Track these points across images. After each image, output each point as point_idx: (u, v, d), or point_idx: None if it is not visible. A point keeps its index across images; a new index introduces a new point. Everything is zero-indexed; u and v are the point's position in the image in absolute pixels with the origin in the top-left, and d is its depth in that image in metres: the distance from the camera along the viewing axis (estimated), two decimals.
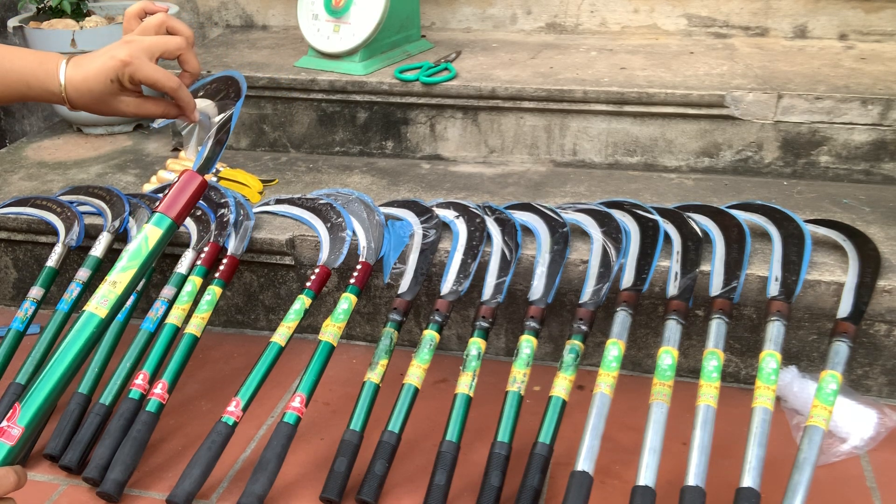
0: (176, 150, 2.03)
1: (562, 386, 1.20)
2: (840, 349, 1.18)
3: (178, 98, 0.91)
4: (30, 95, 0.88)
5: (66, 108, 2.13)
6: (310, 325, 1.62)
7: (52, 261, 1.52)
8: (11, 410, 0.76)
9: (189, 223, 1.57)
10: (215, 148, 0.93)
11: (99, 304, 0.81)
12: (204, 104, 1.01)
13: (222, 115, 0.97)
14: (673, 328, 1.24)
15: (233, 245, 1.51)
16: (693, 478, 1.07)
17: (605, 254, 1.38)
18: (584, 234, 1.47)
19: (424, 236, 1.49)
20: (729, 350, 1.43)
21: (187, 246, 1.51)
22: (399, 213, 1.57)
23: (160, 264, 1.55)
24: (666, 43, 2.08)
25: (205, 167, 0.91)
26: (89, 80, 0.86)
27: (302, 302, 1.38)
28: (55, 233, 1.59)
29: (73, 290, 1.45)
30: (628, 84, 1.75)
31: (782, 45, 2.03)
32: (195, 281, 1.43)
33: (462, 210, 1.54)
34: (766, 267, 1.37)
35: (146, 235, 0.84)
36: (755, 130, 1.72)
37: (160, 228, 0.84)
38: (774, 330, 1.21)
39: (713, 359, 1.18)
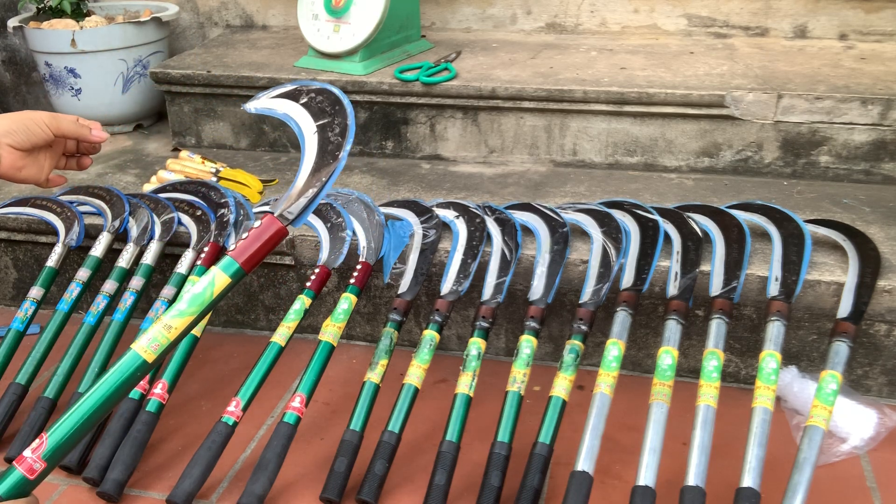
0: (176, 150, 2.03)
1: (562, 386, 1.20)
2: (840, 349, 1.18)
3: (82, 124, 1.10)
4: None
5: (66, 107, 2.13)
6: (310, 325, 1.62)
7: (52, 261, 1.51)
8: (39, 441, 0.73)
9: (189, 223, 1.57)
10: (301, 195, 0.85)
11: (149, 348, 0.77)
12: (301, 116, 0.94)
13: (322, 161, 0.87)
14: (673, 328, 1.24)
15: (233, 245, 1.51)
16: (693, 478, 1.07)
17: (605, 254, 1.38)
18: (584, 234, 1.47)
19: (424, 236, 1.49)
20: (729, 350, 1.43)
21: (187, 246, 1.51)
22: (399, 213, 1.57)
23: (160, 264, 1.55)
24: (666, 43, 2.08)
25: (286, 217, 0.83)
26: (14, 114, 1.02)
27: (302, 302, 1.38)
28: (55, 233, 1.59)
29: (73, 290, 1.45)
30: (628, 84, 1.75)
31: (782, 45, 2.03)
32: (195, 281, 1.43)
33: (462, 210, 1.54)
34: (766, 267, 1.37)
35: (212, 281, 0.79)
36: (755, 130, 1.72)
37: (227, 275, 0.80)
38: (774, 330, 1.21)
39: (713, 359, 1.18)
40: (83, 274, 1.48)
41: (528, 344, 1.27)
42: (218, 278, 0.79)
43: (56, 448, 0.74)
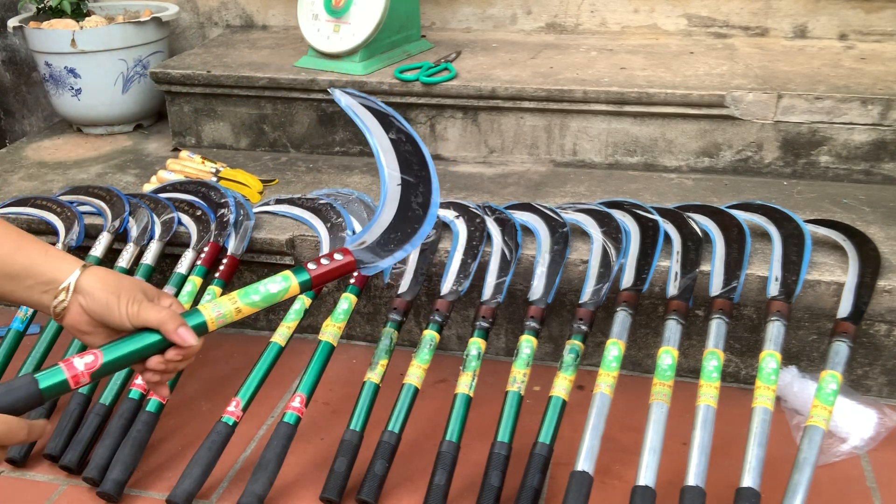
0: (176, 150, 2.03)
1: (562, 386, 1.20)
2: (840, 349, 1.18)
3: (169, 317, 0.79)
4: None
5: (66, 107, 2.13)
6: (310, 325, 1.62)
7: None
8: (94, 358, 0.75)
9: (189, 223, 1.57)
10: (380, 251, 0.87)
11: (215, 318, 0.79)
12: (387, 153, 0.93)
13: (401, 222, 0.89)
14: (673, 328, 1.24)
15: (233, 245, 1.51)
16: (693, 478, 1.07)
17: (605, 254, 1.38)
18: (584, 234, 1.47)
19: None
20: (729, 350, 1.43)
21: (187, 246, 1.51)
22: None
23: (160, 264, 1.55)
24: (666, 43, 2.08)
25: (362, 262, 0.86)
26: (117, 278, 0.80)
27: (302, 302, 1.38)
28: (55, 233, 1.59)
29: None
30: (628, 84, 1.75)
31: (782, 45, 2.03)
32: (195, 281, 1.43)
33: (462, 210, 1.54)
34: (766, 267, 1.37)
35: (287, 288, 0.83)
36: (755, 130, 1.72)
37: (298, 282, 0.84)
38: (774, 330, 1.21)
39: (713, 359, 1.18)
40: None
41: (528, 344, 1.27)
42: (293, 287, 0.83)
43: (105, 369, 0.75)
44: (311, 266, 0.84)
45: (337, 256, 0.85)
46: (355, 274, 1.42)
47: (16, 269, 0.77)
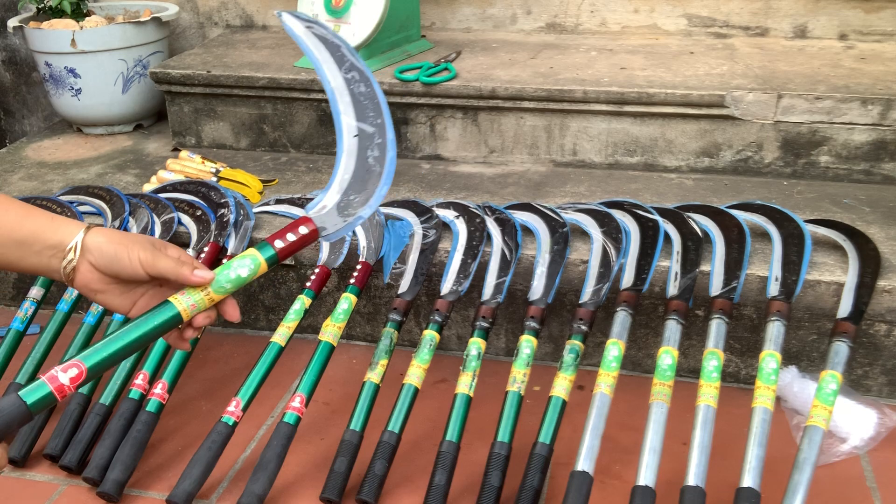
0: (176, 150, 2.03)
1: (562, 386, 1.20)
2: (840, 349, 1.18)
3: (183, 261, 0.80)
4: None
5: (66, 107, 2.13)
6: (310, 325, 1.62)
7: None
8: (78, 372, 0.75)
9: (189, 223, 1.57)
10: (338, 214, 0.83)
11: (187, 307, 0.78)
12: (342, 93, 0.87)
13: (359, 181, 0.84)
14: (673, 328, 1.24)
15: (233, 245, 1.51)
16: (693, 478, 1.07)
17: (605, 254, 1.38)
18: (584, 234, 1.47)
19: (424, 236, 1.49)
20: (729, 350, 1.43)
21: (187, 246, 1.51)
22: (399, 213, 1.57)
23: None
24: (666, 43, 2.08)
25: (324, 230, 0.82)
26: (122, 233, 0.80)
27: (302, 302, 1.38)
28: None
29: (74, 290, 1.45)
30: (628, 84, 1.75)
31: (782, 45, 2.03)
32: None
33: (462, 210, 1.54)
34: (766, 267, 1.37)
35: (255, 270, 0.79)
36: (755, 130, 1.72)
37: (264, 258, 0.80)
38: (774, 330, 1.21)
39: (713, 359, 1.18)
40: None
41: (528, 344, 1.27)
42: (262, 267, 0.80)
43: (87, 379, 0.76)
44: (277, 244, 0.81)
45: (301, 229, 0.82)
46: (355, 274, 1.42)
47: (23, 234, 0.78)
